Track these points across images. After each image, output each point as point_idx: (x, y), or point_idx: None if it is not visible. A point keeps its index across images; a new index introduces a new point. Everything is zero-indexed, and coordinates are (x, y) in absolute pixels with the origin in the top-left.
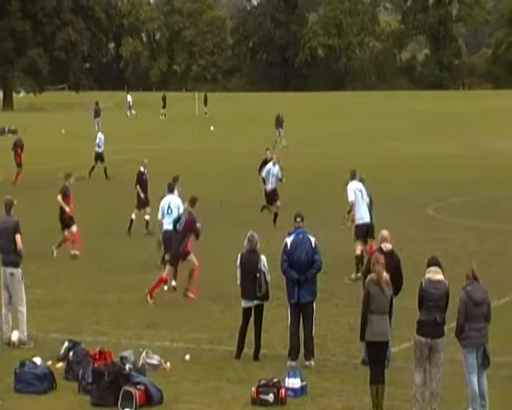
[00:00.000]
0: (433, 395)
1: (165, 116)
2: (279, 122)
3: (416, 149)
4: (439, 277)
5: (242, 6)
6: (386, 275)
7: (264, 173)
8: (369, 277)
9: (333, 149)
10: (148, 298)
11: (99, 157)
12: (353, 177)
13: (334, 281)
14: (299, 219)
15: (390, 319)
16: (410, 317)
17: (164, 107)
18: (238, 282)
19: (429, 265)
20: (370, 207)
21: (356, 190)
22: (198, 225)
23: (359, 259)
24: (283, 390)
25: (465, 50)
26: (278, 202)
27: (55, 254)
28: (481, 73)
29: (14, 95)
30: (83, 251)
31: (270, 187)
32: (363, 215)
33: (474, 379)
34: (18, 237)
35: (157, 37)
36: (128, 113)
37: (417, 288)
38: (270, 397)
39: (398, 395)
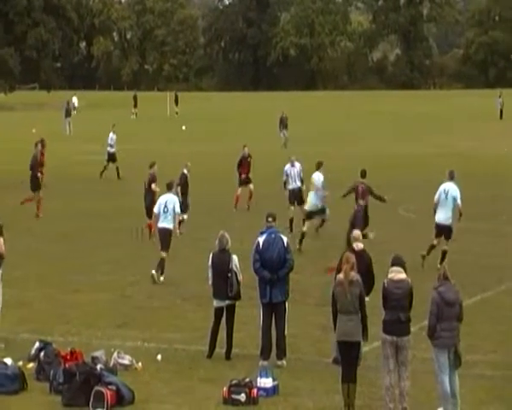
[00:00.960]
0: (403, 394)
1: (137, 116)
2: (283, 123)
3: (388, 149)
4: (402, 276)
5: (214, 5)
6: (353, 275)
7: (284, 177)
8: (337, 276)
9: (304, 149)
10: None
11: (111, 157)
12: (451, 178)
13: (305, 280)
14: (270, 219)
15: (363, 318)
16: (382, 316)
17: (135, 106)
18: (209, 282)
19: (392, 264)
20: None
21: (442, 192)
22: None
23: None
24: (255, 390)
25: (436, 50)
26: (304, 206)
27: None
28: (452, 73)
29: None
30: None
31: (291, 186)
32: (439, 215)
33: (446, 379)
34: (1, 240)
35: (128, 36)
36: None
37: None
38: (242, 397)
39: (370, 394)
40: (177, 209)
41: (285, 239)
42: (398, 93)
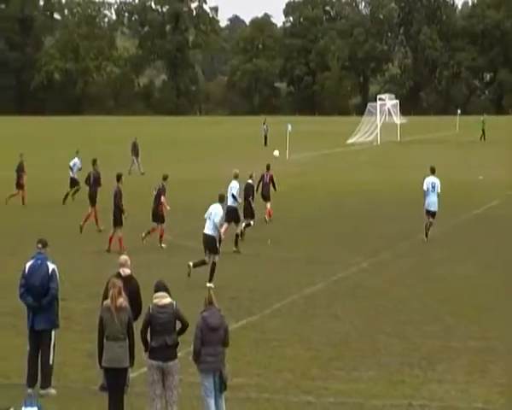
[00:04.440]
0: None
1: None
2: (135, 149)
3: (149, 175)
4: (166, 301)
5: None
6: (121, 300)
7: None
8: (104, 302)
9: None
10: None
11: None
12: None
13: (71, 307)
14: (40, 245)
15: (131, 344)
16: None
17: None
18: None
19: (156, 290)
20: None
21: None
22: None
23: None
24: None
25: (202, 77)
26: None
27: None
28: (218, 100)
29: None
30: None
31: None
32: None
33: (212, 403)
34: None
35: None
36: None
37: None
38: None
39: None
40: (217, 219)
41: (51, 267)
42: (165, 119)
